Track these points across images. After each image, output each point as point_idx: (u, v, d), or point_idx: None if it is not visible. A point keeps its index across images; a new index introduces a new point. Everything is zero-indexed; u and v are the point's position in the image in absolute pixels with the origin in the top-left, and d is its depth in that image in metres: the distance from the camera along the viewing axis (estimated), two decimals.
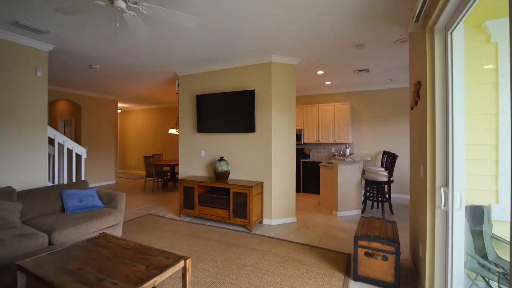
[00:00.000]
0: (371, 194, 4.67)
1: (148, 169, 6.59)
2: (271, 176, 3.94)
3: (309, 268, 2.60)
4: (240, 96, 4.06)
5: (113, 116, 7.71)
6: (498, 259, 1.78)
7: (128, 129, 10.23)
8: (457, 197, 1.69)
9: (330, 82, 5.61)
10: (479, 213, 1.90)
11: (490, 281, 1.77)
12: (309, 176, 6.19)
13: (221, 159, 4.09)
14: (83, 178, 4.19)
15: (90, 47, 3.59)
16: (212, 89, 4.47)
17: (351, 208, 4.44)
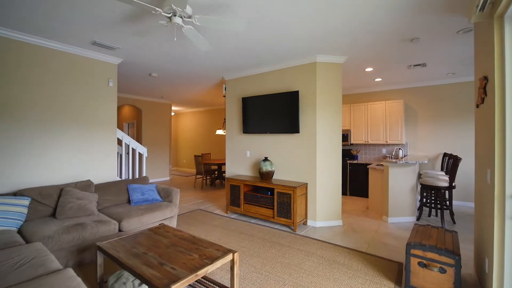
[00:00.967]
0: (428, 201, 4.27)
1: (198, 167, 7.07)
2: (316, 178, 3.90)
3: (356, 274, 2.52)
4: (284, 98, 4.11)
5: (167, 118, 8.46)
6: None
7: (180, 130, 11.10)
8: None
9: (381, 79, 5.28)
10: None
11: None
12: (357, 178, 5.92)
13: (266, 159, 4.20)
14: (144, 175, 4.72)
15: (150, 58, 4.03)
16: (257, 91, 4.61)
17: (403, 214, 4.13)
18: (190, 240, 2.21)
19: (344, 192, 6.05)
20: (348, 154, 6.42)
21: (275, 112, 4.24)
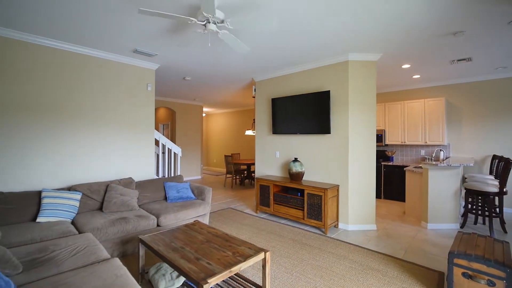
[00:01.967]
0: (474, 207, 3.93)
1: (227, 166, 7.25)
2: (348, 179, 3.79)
3: (391, 281, 2.42)
4: (315, 98, 4.06)
5: (199, 119, 8.79)
6: None
7: (210, 131, 11.47)
8: None
9: (419, 76, 4.97)
10: None
11: None
12: (392, 181, 5.63)
13: (295, 160, 4.19)
14: (178, 173, 4.97)
15: (184, 63, 4.24)
16: (286, 92, 4.61)
17: (445, 221, 3.84)
18: (223, 237, 2.30)
19: (378, 195, 5.79)
20: (382, 155, 6.13)
21: (305, 112, 4.20)
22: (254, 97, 5.44)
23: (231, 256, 1.93)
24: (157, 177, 4.50)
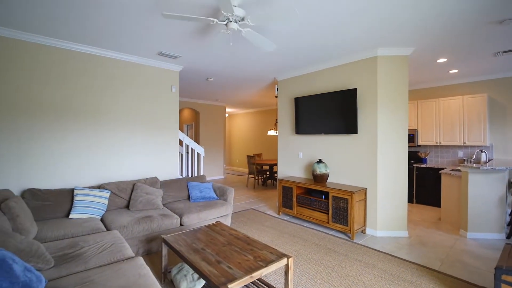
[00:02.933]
0: None
1: (250, 167, 7.22)
2: (377, 183, 3.57)
3: None
4: (340, 96, 3.88)
5: (222, 120, 8.87)
6: None
7: (233, 131, 11.55)
8: None
9: (457, 71, 4.56)
10: None
11: None
12: (425, 184, 5.24)
13: (320, 161, 4.03)
14: (201, 173, 5.03)
15: (207, 64, 4.27)
16: (310, 91, 4.47)
17: (488, 230, 3.48)
18: (244, 240, 2.25)
19: (410, 200, 5.43)
20: (414, 156, 5.74)
21: (329, 111, 4.04)
22: (276, 97, 5.35)
23: (252, 260, 1.87)
24: (181, 176, 4.58)
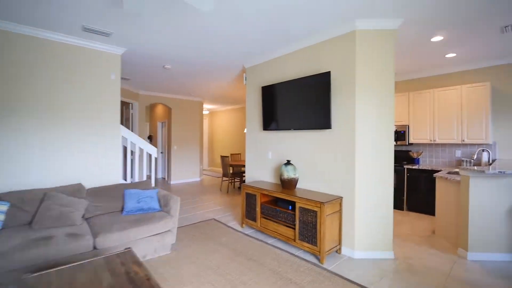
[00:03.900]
0: None
1: (224, 168, 6.46)
2: (355, 190, 2.83)
3: None
4: (311, 83, 3.13)
5: (198, 116, 8.09)
6: None
7: (214, 129, 10.76)
8: None
9: (455, 55, 3.83)
10: None
11: None
12: (417, 188, 4.52)
13: (288, 163, 3.28)
14: (154, 177, 4.25)
15: (159, 47, 3.51)
16: (279, 78, 3.71)
17: (493, 249, 2.75)
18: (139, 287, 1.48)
19: (400, 207, 4.70)
20: (405, 156, 5.02)
21: (299, 103, 3.29)
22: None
23: None
24: (125, 182, 3.81)
